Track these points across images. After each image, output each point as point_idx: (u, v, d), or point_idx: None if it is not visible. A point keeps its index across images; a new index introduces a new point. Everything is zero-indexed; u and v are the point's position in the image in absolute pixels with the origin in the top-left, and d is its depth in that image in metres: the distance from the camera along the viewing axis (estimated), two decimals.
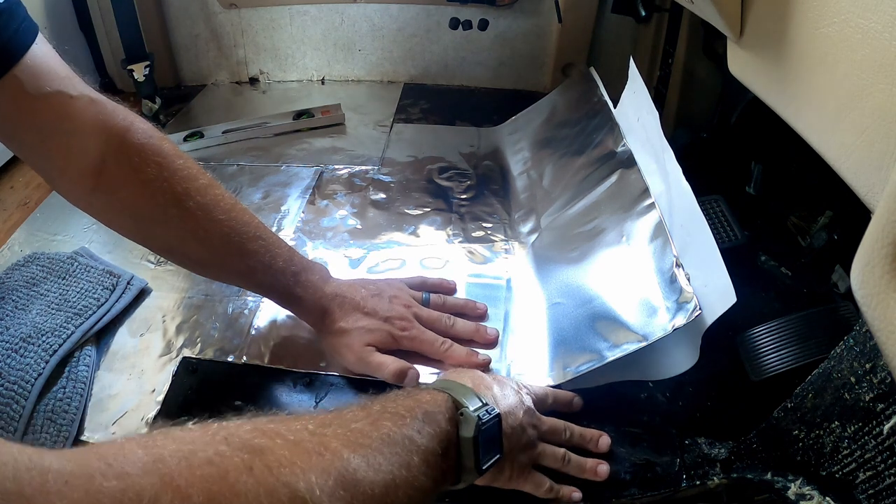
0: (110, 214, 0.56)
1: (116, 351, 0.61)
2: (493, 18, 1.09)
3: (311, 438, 0.32)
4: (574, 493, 0.49)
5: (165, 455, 0.28)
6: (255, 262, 0.56)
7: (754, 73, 0.51)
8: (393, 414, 0.38)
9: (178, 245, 0.56)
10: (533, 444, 0.48)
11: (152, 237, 0.57)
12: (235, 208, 0.56)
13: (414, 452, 0.36)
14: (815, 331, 0.52)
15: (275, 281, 0.58)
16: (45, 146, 0.50)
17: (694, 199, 0.57)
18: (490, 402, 0.44)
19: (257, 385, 0.58)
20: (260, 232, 0.57)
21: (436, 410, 0.40)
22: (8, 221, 0.80)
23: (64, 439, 0.51)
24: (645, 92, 0.69)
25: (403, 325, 0.59)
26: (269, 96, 1.14)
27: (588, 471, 0.50)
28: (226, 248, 0.55)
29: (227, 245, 0.55)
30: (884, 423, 0.36)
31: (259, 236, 0.56)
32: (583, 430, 0.52)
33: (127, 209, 0.54)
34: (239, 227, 0.55)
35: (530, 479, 0.48)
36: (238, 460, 0.29)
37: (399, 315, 0.60)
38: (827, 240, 0.63)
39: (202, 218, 0.53)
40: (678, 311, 0.51)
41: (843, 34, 0.38)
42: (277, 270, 0.57)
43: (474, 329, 0.62)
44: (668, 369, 0.55)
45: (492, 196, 0.85)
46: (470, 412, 0.41)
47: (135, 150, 0.51)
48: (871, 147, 0.35)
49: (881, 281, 0.30)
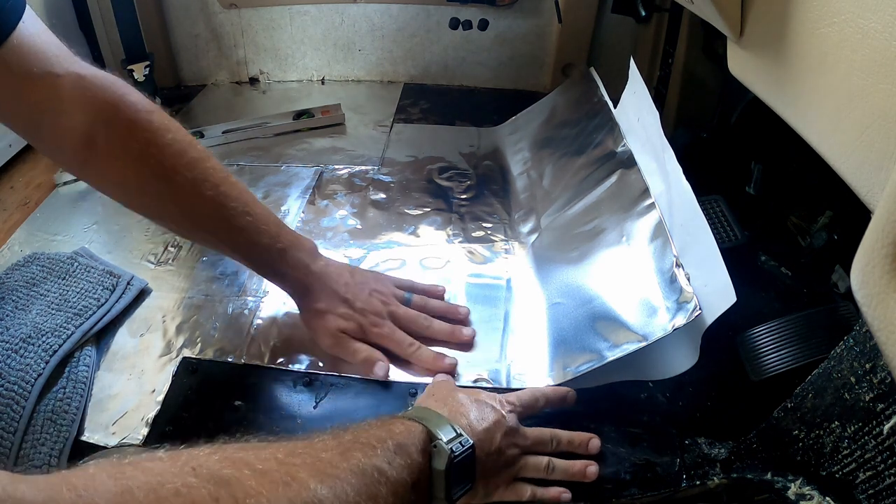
0: (103, 186, 0.57)
1: (116, 351, 0.61)
2: (493, 18, 1.09)
3: (279, 468, 0.32)
4: (563, 494, 0.48)
5: (133, 487, 0.28)
6: (242, 238, 0.57)
7: (754, 73, 0.51)
8: (364, 444, 0.38)
9: (167, 216, 0.57)
10: (512, 463, 0.48)
11: (143, 207, 0.58)
12: (225, 182, 0.56)
13: (382, 484, 0.36)
14: (815, 331, 0.52)
15: (260, 256, 0.58)
16: (35, 125, 0.51)
17: (694, 198, 0.57)
18: (465, 432, 0.43)
19: (257, 385, 0.58)
20: (249, 207, 0.57)
21: (408, 442, 0.40)
22: (8, 221, 0.80)
23: (64, 440, 0.51)
24: (645, 92, 0.69)
25: (375, 321, 0.60)
26: (269, 96, 1.14)
27: (576, 474, 0.50)
28: (213, 223, 0.56)
29: (215, 220, 0.56)
30: (884, 423, 0.36)
31: (247, 212, 0.56)
32: (571, 435, 0.51)
33: (117, 182, 0.55)
34: (227, 202, 0.55)
35: (511, 490, 0.48)
36: (205, 492, 0.29)
37: (374, 310, 0.60)
38: (827, 240, 0.63)
39: (190, 192, 0.54)
40: (678, 311, 0.51)
41: (843, 34, 0.38)
42: (263, 247, 0.58)
43: (450, 330, 0.62)
44: (668, 369, 0.55)
45: (492, 196, 0.85)
46: (443, 444, 0.41)
47: (123, 125, 0.52)
48: (871, 147, 0.35)
49: (881, 281, 0.30)
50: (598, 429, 0.53)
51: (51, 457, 0.50)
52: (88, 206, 0.81)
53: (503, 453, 0.47)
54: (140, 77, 1.02)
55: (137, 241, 0.76)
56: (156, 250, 0.74)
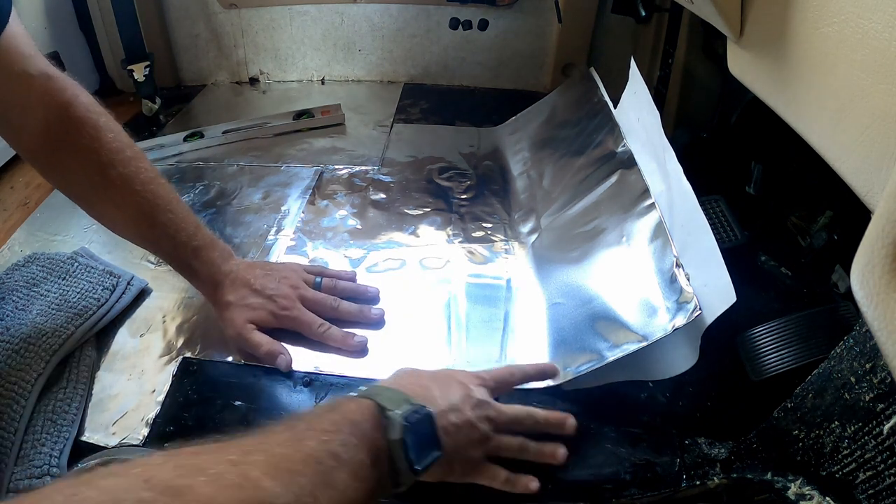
0: (52, 175, 0.62)
1: (117, 351, 0.61)
2: (493, 18, 1.09)
3: (232, 470, 0.32)
4: (531, 483, 0.49)
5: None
6: (161, 233, 0.60)
7: (754, 73, 0.51)
8: (318, 431, 0.38)
9: (101, 209, 0.62)
10: (486, 439, 0.48)
11: (82, 199, 0.62)
12: (154, 182, 0.60)
13: (339, 469, 0.36)
14: (815, 331, 0.51)
15: (175, 252, 0.62)
16: (5, 118, 0.56)
17: (695, 198, 0.57)
18: (421, 402, 0.43)
19: (257, 385, 0.58)
20: (172, 206, 0.61)
21: (361, 419, 0.40)
22: (8, 221, 0.80)
23: (64, 440, 0.51)
24: (646, 92, 0.69)
25: (285, 304, 0.62)
26: (269, 96, 1.14)
27: (547, 455, 0.50)
28: (137, 217, 0.60)
29: (139, 214, 0.60)
30: (884, 423, 0.36)
31: (170, 210, 0.60)
32: (547, 414, 0.52)
33: (63, 173, 0.60)
34: (152, 200, 0.59)
35: (485, 472, 0.48)
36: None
37: (283, 294, 0.62)
38: (827, 240, 0.63)
39: (121, 186, 0.58)
40: (678, 311, 0.51)
41: (843, 34, 0.38)
42: (179, 243, 0.61)
43: (358, 310, 0.64)
44: (668, 369, 0.55)
45: (492, 196, 0.85)
46: (395, 413, 0.41)
47: (73, 122, 0.57)
48: (871, 147, 0.35)
49: (881, 281, 0.30)
50: (598, 429, 0.53)
51: (51, 457, 0.50)
52: None
53: (475, 427, 0.47)
54: (140, 77, 1.02)
55: None
56: None
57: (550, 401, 0.56)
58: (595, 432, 0.53)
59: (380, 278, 0.70)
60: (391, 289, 0.69)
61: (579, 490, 0.49)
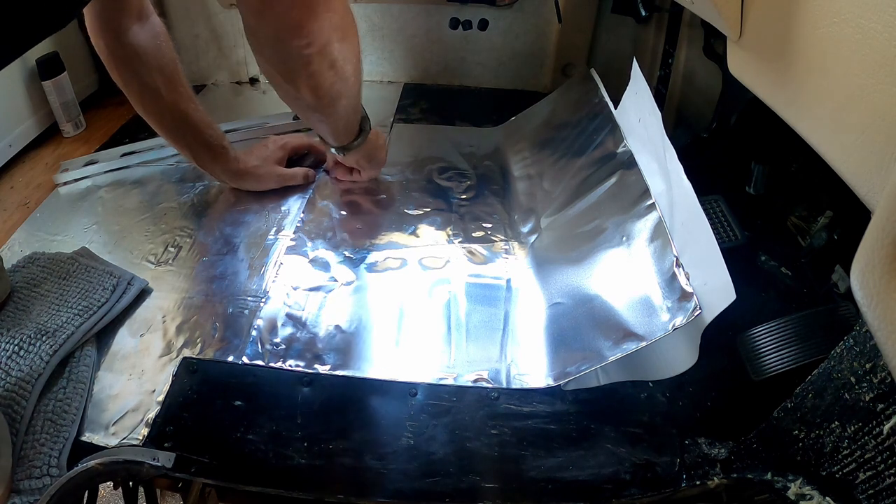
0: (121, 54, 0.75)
1: (117, 351, 0.62)
2: (493, 18, 1.09)
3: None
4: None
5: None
6: (203, 118, 0.78)
7: (754, 73, 0.51)
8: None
9: (148, 92, 0.74)
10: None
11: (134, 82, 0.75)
12: (190, 95, 0.77)
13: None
14: (815, 331, 0.51)
15: (207, 145, 0.79)
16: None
17: (695, 197, 0.57)
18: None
19: (257, 385, 0.58)
20: (202, 110, 0.79)
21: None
22: (8, 221, 0.80)
23: (64, 440, 0.51)
24: (647, 92, 0.69)
25: (280, 137, 0.88)
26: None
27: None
28: (180, 112, 0.75)
29: (181, 108, 0.75)
30: (884, 423, 0.36)
31: (200, 111, 0.78)
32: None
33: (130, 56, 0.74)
34: (190, 103, 0.76)
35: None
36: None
37: (278, 146, 0.86)
38: (827, 240, 0.63)
39: (173, 86, 0.75)
40: (678, 311, 0.51)
41: (843, 34, 0.38)
42: (217, 132, 0.80)
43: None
44: (668, 369, 0.55)
45: (492, 196, 0.85)
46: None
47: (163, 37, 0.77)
48: (871, 147, 0.35)
49: (881, 281, 0.30)
50: (598, 429, 0.53)
51: (51, 457, 0.50)
52: (88, 206, 0.82)
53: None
54: None
55: (137, 242, 0.76)
56: (156, 250, 0.74)
57: (550, 401, 0.56)
58: (595, 432, 0.53)
59: (380, 278, 0.70)
60: (391, 289, 0.69)
61: (579, 490, 0.49)
